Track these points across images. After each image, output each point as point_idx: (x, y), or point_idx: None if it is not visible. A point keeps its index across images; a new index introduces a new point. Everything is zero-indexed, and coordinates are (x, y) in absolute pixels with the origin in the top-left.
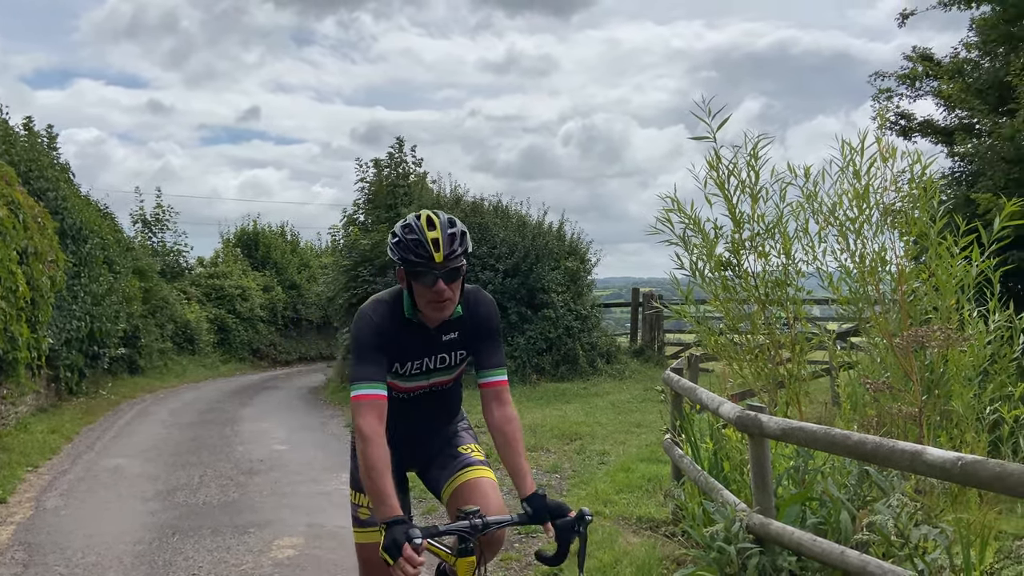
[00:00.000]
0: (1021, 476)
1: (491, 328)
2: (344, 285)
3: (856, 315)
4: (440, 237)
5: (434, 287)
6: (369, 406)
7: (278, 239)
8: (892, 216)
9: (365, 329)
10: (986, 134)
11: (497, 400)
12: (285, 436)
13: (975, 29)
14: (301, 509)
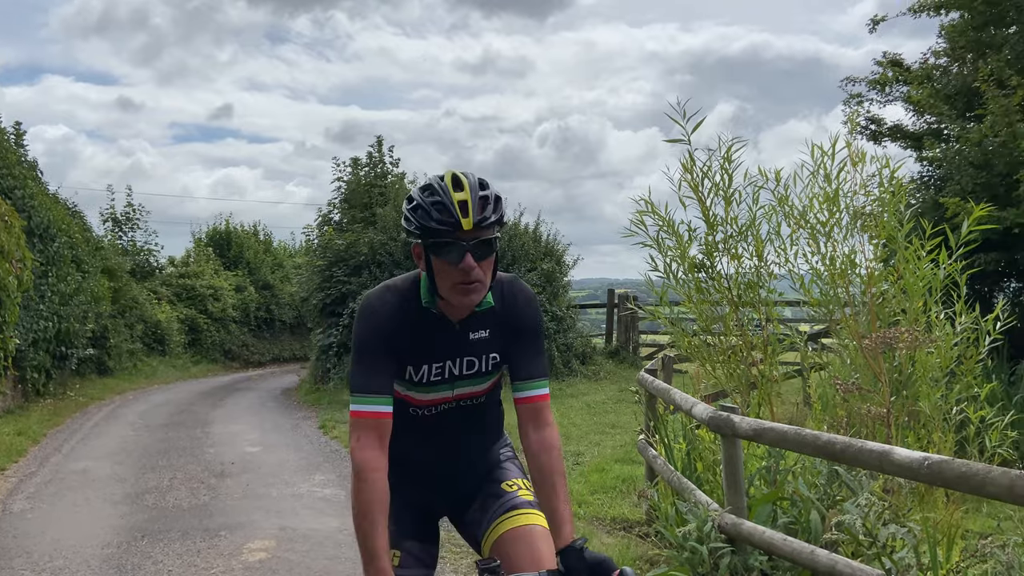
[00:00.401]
0: (985, 476)
1: (531, 327)
2: (318, 285)
3: (827, 317)
4: (469, 200)
5: (460, 264)
6: (366, 427)
7: (251, 239)
8: (862, 219)
9: (367, 325)
10: (954, 139)
11: (535, 420)
12: (257, 438)
13: (944, 36)
14: (273, 512)
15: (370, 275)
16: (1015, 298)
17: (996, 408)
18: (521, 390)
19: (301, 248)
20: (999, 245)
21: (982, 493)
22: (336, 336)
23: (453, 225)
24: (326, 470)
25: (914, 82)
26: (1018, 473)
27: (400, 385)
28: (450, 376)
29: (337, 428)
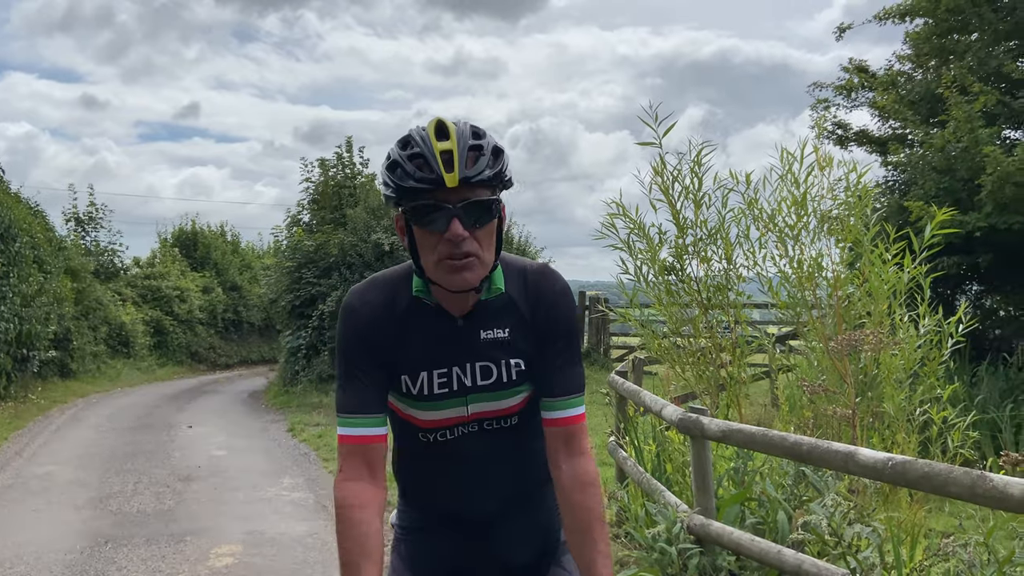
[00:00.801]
0: (947, 476)
1: (563, 328)
2: (287, 287)
3: (794, 319)
4: (455, 150)
5: (446, 232)
6: (349, 454)
7: (218, 239)
8: (829, 223)
9: (346, 327)
10: (918, 144)
11: (567, 447)
12: (224, 441)
13: (908, 42)
14: (240, 516)
15: (340, 276)
16: (976, 301)
17: (958, 409)
18: (550, 409)
19: (270, 249)
20: (961, 249)
21: (944, 493)
22: (305, 338)
23: (434, 182)
24: (295, 473)
25: (879, 88)
26: (979, 473)
27: (400, 402)
28: (460, 387)
29: (306, 431)
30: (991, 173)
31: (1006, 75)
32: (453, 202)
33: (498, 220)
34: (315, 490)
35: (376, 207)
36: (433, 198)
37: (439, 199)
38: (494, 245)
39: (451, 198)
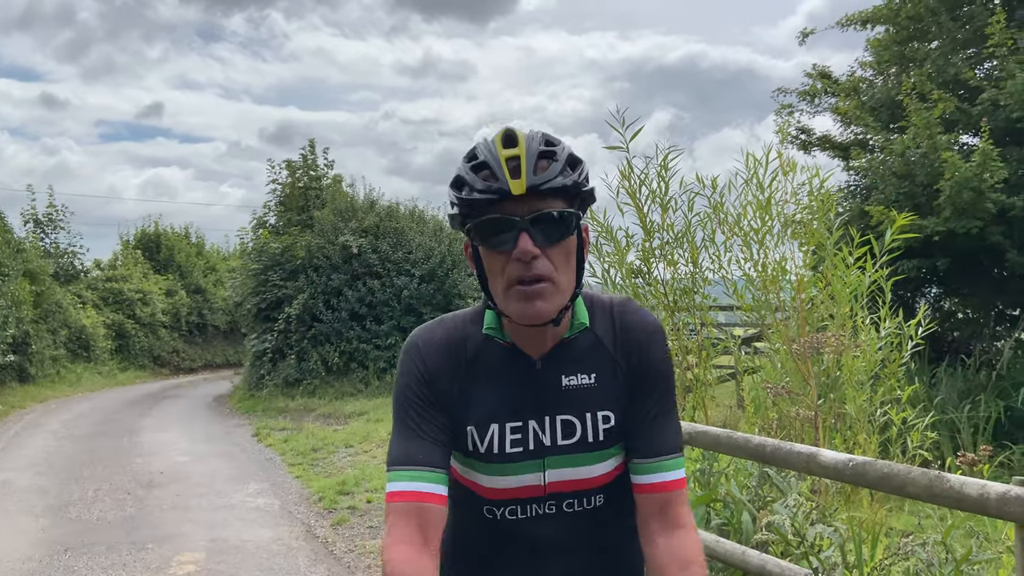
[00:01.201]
0: (905, 476)
1: (660, 373)
2: (253, 290)
3: (759, 322)
4: (523, 155)
5: (514, 250)
6: (401, 513)
7: (182, 241)
8: (792, 227)
9: (405, 368)
10: (879, 150)
11: (663, 518)
12: (187, 447)
13: (869, 49)
14: (203, 523)
15: (307, 279)
16: (935, 304)
17: (918, 410)
18: (643, 472)
19: (235, 251)
20: (920, 253)
21: (903, 493)
22: (271, 342)
23: (499, 192)
24: (260, 479)
25: (841, 94)
26: (936, 474)
27: (462, 463)
28: (537, 446)
29: (272, 436)
30: (949, 178)
31: (964, 82)
32: (522, 215)
33: (579, 241)
34: (280, 496)
35: (344, 209)
36: (499, 211)
37: (506, 212)
38: (574, 268)
39: (519, 210)
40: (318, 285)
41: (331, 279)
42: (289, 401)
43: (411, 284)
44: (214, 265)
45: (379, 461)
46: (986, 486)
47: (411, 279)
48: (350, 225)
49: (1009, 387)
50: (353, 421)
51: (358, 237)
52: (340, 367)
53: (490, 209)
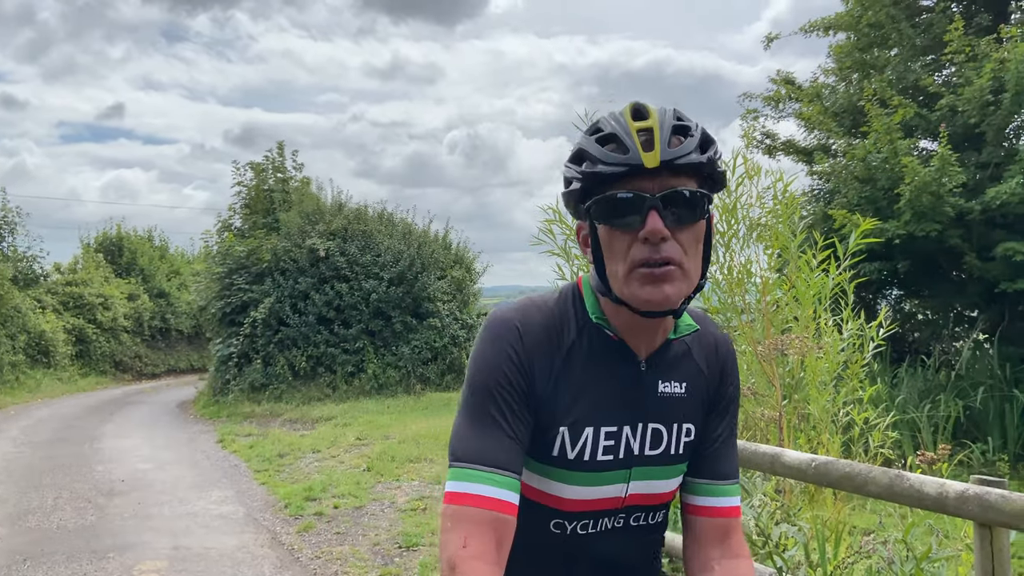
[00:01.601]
0: (866, 476)
1: (735, 398)
2: (217, 293)
3: (725, 324)
4: (657, 128)
5: (642, 228)
6: (477, 522)
7: (145, 244)
8: (758, 230)
9: (500, 349)
10: (841, 154)
11: (724, 545)
12: (149, 454)
13: (832, 56)
14: (166, 531)
15: (273, 282)
16: (896, 305)
17: (880, 409)
18: (706, 494)
19: (199, 255)
20: (882, 255)
21: (864, 492)
22: (237, 346)
23: (629, 164)
24: (224, 486)
25: (805, 99)
26: (896, 473)
27: (535, 469)
28: (627, 454)
29: (237, 442)
30: (909, 183)
31: (923, 89)
32: (652, 192)
33: (708, 227)
34: (245, 502)
35: (311, 212)
36: (627, 187)
37: (635, 188)
38: (700, 256)
39: (649, 186)
40: (285, 289)
41: (298, 283)
42: (255, 406)
43: (380, 287)
44: (178, 269)
45: (347, 466)
46: (945, 485)
47: (380, 282)
48: (317, 228)
49: (968, 387)
50: (321, 426)
51: (326, 240)
52: (307, 371)
53: (617, 184)
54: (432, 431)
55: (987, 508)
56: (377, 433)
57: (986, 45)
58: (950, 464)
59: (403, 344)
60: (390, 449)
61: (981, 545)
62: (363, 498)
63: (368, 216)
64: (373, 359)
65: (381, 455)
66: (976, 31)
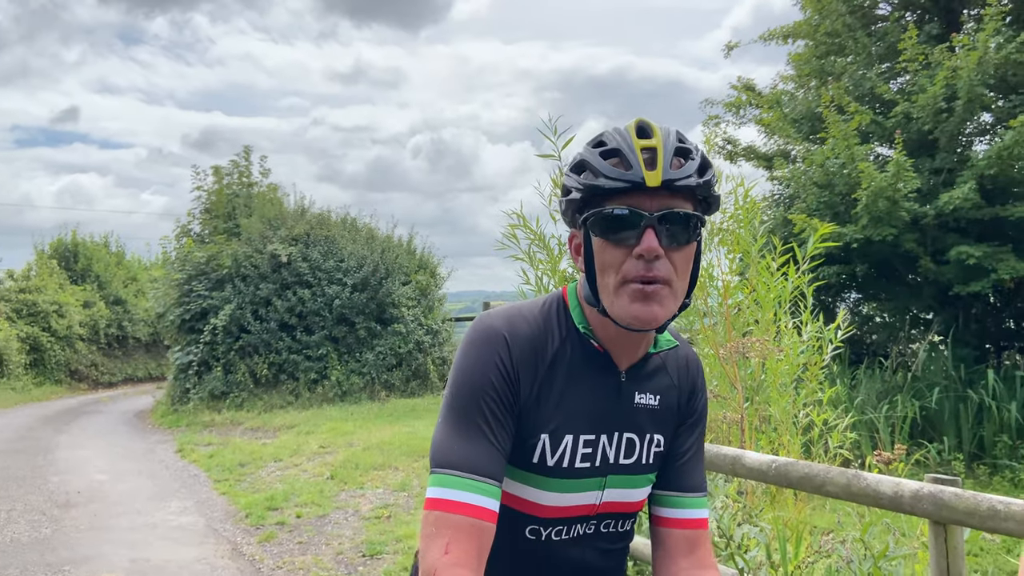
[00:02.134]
0: (825, 476)
1: (704, 414)
2: (176, 300)
3: (688, 327)
4: (660, 148)
5: (637, 245)
6: (459, 529)
7: (102, 251)
8: (720, 235)
9: (487, 356)
10: (800, 160)
11: (692, 557)
12: (106, 465)
13: (791, 63)
14: (123, 543)
15: (233, 289)
16: (854, 308)
17: (839, 410)
18: (674, 506)
19: (158, 261)
20: (840, 259)
21: (823, 492)
22: (196, 354)
23: (632, 181)
24: (183, 496)
25: (765, 106)
26: (854, 473)
27: (513, 475)
28: (603, 462)
29: (196, 451)
30: (866, 188)
31: (879, 96)
32: (650, 210)
33: (697, 250)
34: (205, 513)
35: (272, 217)
36: (626, 203)
37: (633, 205)
38: (689, 277)
39: (648, 205)
40: (246, 295)
41: (259, 289)
42: (215, 415)
43: (343, 293)
44: (135, 275)
45: (309, 475)
46: (900, 484)
47: (343, 288)
48: (279, 233)
49: (924, 388)
50: (283, 434)
51: (288, 246)
52: (269, 379)
53: (617, 199)
54: (397, 438)
55: (941, 506)
56: (341, 440)
57: (939, 54)
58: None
59: (367, 350)
60: (354, 457)
61: (936, 543)
62: (326, 507)
63: (331, 221)
64: (337, 366)
65: (345, 463)
66: (929, 40)
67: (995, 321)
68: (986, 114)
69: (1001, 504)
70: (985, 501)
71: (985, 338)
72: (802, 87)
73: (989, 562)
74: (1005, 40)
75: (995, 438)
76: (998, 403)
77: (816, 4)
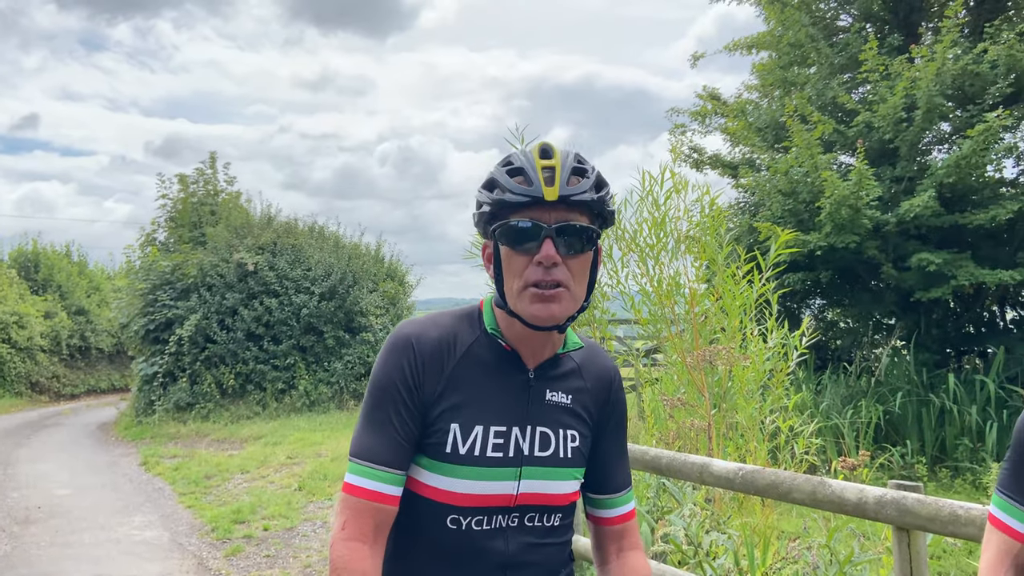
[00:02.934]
0: (791, 484)
1: (624, 413)
2: (140, 310)
3: (656, 335)
4: (558, 167)
5: (537, 253)
6: (357, 510)
7: (63, 260)
8: (686, 243)
9: (396, 357)
10: (765, 168)
11: (621, 543)
12: (68, 479)
13: (755, 73)
14: (86, 559)
15: (199, 299)
16: (819, 314)
17: (805, 416)
18: (608, 507)
19: (121, 270)
20: (804, 266)
21: (789, 499)
22: (161, 365)
23: (532, 196)
24: (147, 511)
25: (730, 115)
26: (819, 480)
27: (428, 467)
28: (516, 453)
29: (161, 464)
30: (829, 196)
31: (841, 105)
32: (549, 222)
33: (595, 258)
34: (170, 527)
35: (239, 226)
36: (529, 216)
37: (535, 217)
38: (587, 282)
39: (547, 218)
40: (212, 305)
41: (226, 298)
42: (181, 427)
43: (311, 302)
44: (98, 285)
45: (277, 486)
46: (864, 490)
47: (311, 297)
48: (246, 242)
49: (887, 392)
50: (249, 445)
51: (254, 254)
52: (236, 389)
53: (520, 211)
54: None
55: (904, 512)
56: (309, 451)
57: (898, 64)
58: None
59: (335, 359)
60: (322, 467)
61: (899, 548)
62: (294, 519)
63: (298, 229)
64: (304, 375)
65: (313, 474)
66: (889, 51)
67: (955, 326)
68: (944, 124)
69: (962, 509)
70: (946, 507)
71: (946, 343)
72: (766, 97)
73: (952, 564)
74: (962, 52)
75: (956, 441)
76: (959, 407)
77: (779, 15)
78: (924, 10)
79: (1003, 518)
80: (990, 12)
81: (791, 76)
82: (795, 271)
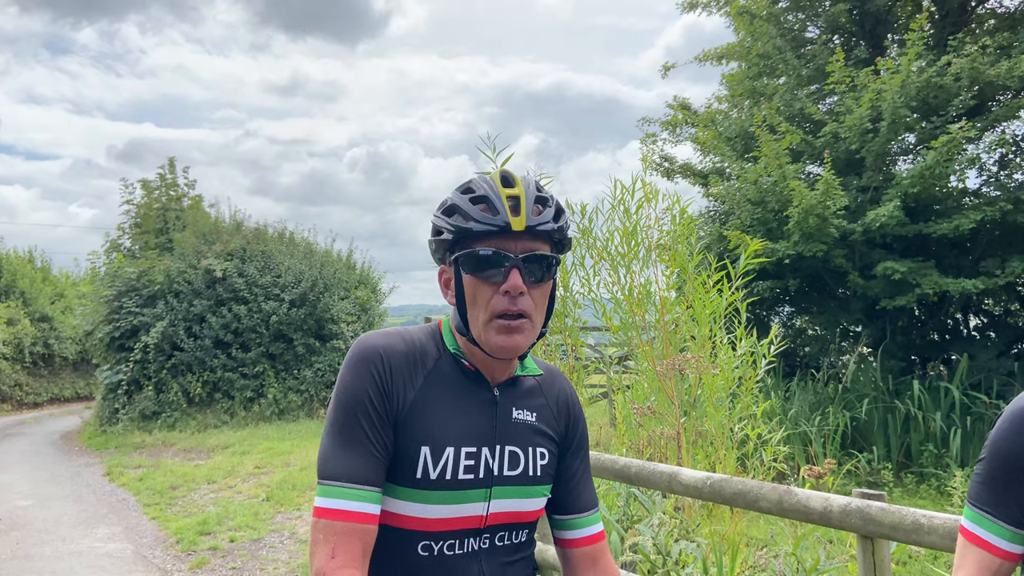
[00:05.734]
0: (758, 492)
1: (584, 436)
2: (105, 317)
3: (627, 342)
4: (523, 196)
5: (504, 283)
6: (345, 535)
7: (26, 266)
8: (657, 251)
9: (363, 372)
10: (735, 177)
11: (596, 569)
12: (30, 490)
13: (725, 83)
14: (47, 572)
15: (166, 306)
16: (788, 322)
17: (774, 423)
18: (575, 527)
19: (86, 276)
20: (773, 274)
21: (756, 508)
22: (126, 373)
23: (499, 226)
24: (111, 522)
25: (700, 124)
26: (785, 489)
27: (400, 494)
28: (486, 474)
29: (125, 474)
30: (797, 205)
31: (809, 116)
32: (515, 252)
33: (552, 287)
34: (134, 539)
35: (207, 231)
36: (493, 245)
37: (499, 247)
38: (545, 311)
39: (513, 247)
40: (179, 312)
41: (193, 305)
42: (146, 436)
43: (280, 309)
44: (63, 291)
45: (244, 497)
46: (829, 499)
47: (280, 304)
48: (214, 248)
49: (854, 399)
50: (217, 455)
51: (223, 261)
52: (203, 398)
53: (485, 241)
54: None
55: (868, 521)
56: (277, 460)
57: (865, 76)
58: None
59: (305, 367)
60: (291, 477)
61: (864, 556)
62: (261, 530)
63: (268, 236)
64: (274, 383)
65: (281, 483)
66: (856, 63)
67: (920, 333)
68: (909, 135)
69: (925, 518)
70: (909, 515)
71: (911, 350)
72: (736, 107)
73: (916, 570)
74: (927, 64)
75: (921, 447)
76: (924, 413)
77: (748, 27)
78: (890, 23)
79: (980, 533)
80: (953, 25)
81: (760, 87)
82: (764, 279)
